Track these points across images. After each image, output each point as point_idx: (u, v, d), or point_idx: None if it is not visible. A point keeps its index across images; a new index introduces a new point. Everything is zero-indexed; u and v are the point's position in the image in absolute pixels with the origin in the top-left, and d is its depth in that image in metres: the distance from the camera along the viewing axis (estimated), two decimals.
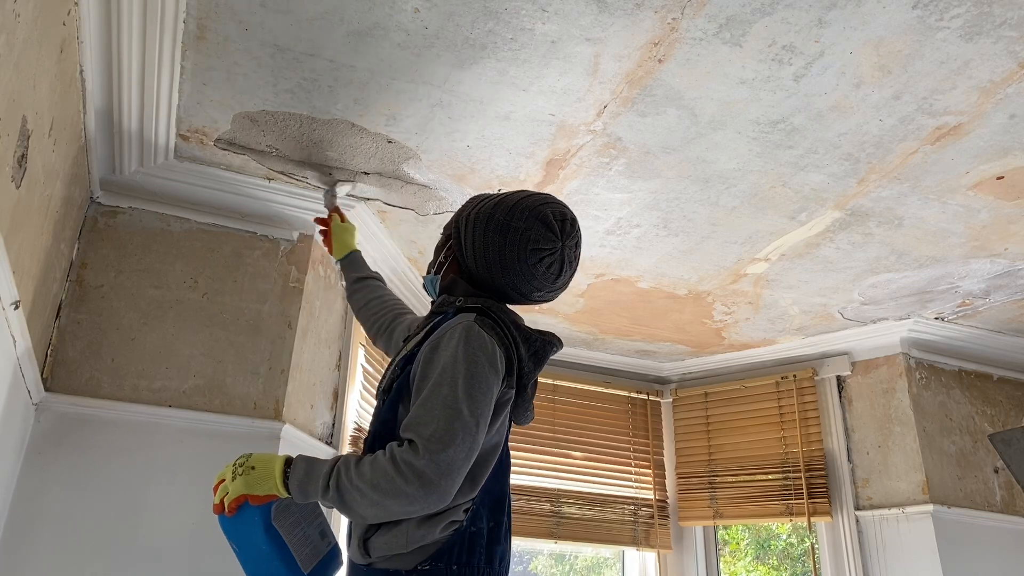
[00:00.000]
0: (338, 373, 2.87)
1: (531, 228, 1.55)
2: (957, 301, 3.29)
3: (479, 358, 1.41)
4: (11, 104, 1.48)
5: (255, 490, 1.38)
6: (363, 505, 1.32)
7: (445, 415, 1.34)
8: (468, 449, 1.34)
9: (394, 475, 1.31)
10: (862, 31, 1.83)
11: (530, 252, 1.54)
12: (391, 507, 1.32)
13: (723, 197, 2.58)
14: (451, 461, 1.31)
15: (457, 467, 1.32)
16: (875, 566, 3.40)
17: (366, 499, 1.32)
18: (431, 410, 1.36)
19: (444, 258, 1.65)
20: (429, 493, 1.30)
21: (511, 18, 1.83)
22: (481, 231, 1.57)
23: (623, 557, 4.18)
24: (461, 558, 1.39)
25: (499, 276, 1.56)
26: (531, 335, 1.56)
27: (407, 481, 1.30)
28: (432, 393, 1.38)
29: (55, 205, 2.05)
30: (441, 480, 1.30)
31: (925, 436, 3.43)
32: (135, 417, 2.33)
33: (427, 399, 1.38)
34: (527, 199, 1.60)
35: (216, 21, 1.89)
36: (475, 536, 1.42)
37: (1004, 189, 2.48)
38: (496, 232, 1.55)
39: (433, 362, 1.42)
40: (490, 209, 1.59)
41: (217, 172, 2.53)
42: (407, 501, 1.30)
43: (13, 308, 1.76)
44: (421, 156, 2.42)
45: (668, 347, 3.98)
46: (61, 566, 2.15)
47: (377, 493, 1.31)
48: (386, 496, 1.31)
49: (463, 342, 1.42)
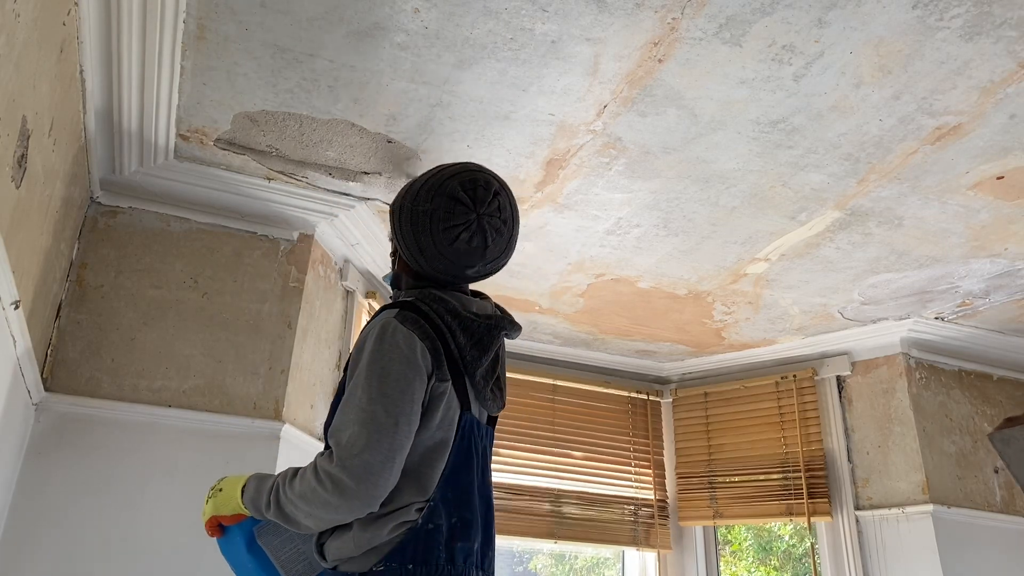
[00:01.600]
0: (338, 373, 2.87)
1: (438, 208, 1.46)
2: (957, 301, 3.29)
3: (393, 356, 1.37)
4: (11, 104, 1.48)
5: (222, 511, 1.44)
6: (300, 516, 1.34)
7: (358, 418, 1.33)
8: (387, 451, 1.32)
9: (316, 485, 1.31)
10: (862, 31, 1.83)
11: (443, 232, 1.46)
12: (322, 516, 1.33)
13: (723, 197, 2.58)
14: (366, 465, 1.30)
15: (375, 470, 1.30)
16: (875, 566, 3.40)
17: (300, 511, 1.33)
18: (346, 415, 1.35)
19: (392, 255, 1.64)
20: (349, 499, 1.29)
21: (511, 18, 1.83)
22: (398, 223, 1.53)
23: (623, 557, 4.18)
24: (416, 557, 1.36)
25: (424, 264, 1.51)
26: (471, 322, 1.49)
27: (326, 490, 1.30)
28: (348, 397, 1.37)
29: (55, 205, 2.05)
30: (359, 485, 1.29)
31: (925, 436, 3.43)
32: (135, 417, 2.33)
33: (344, 404, 1.38)
34: (433, 177, 1.51)
35: (216, 21, 1.89)
36: (432, 533, 1.38)
37: (1004, 189, 2.48)
38: (408, 221, 1.50)
39: (355, 363, 1.42)
40: (402, 198, 1.53)
41: (217, 172, 2.53)
42: (331, 509, 1.31)
43: (13, 308, 1.76)
44: (421, 156, 2.42)
45: (668, 347, 3.98)
46: (61, 566, 2.15)
47: (307, 504, 1.32)
48: (314, 507, 1.32)
49: (376, 342, 1.39)
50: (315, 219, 2.70)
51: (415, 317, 1.43)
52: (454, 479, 1.43)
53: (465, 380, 1.48)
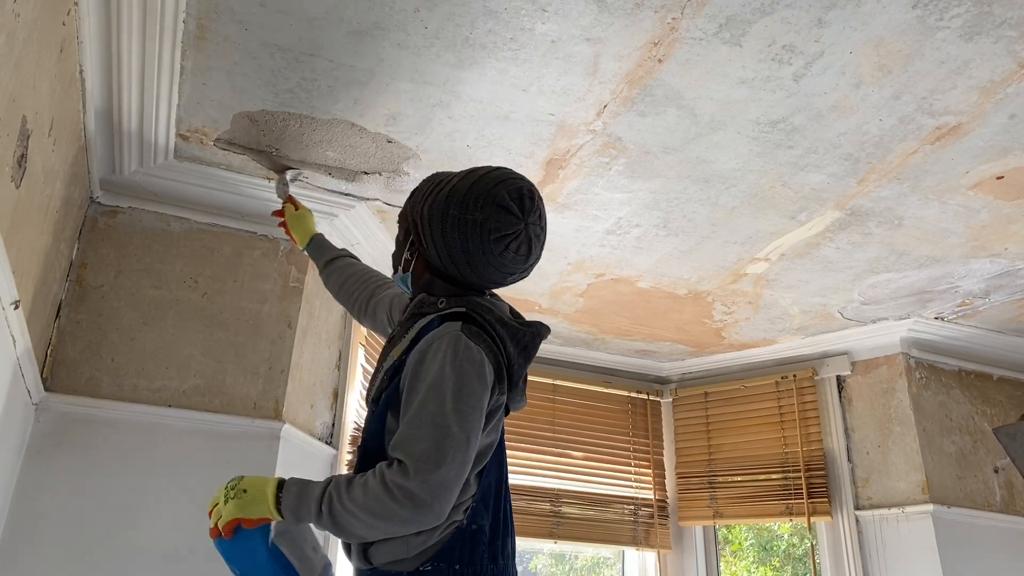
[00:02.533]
0: (338, 373, 2.87)
1: (489, 217, 1.44)
2: (957, 301, 3.29)
3: (467, 371, 1.37)
4: (11, 104, 1.48)
5: (247, 513, 1.36)
6: (358, 527, 1.32)
7: (434, 434, 1.31)
8: (460, 465, 1.32)
9: (386, 498, 1.29)
10: (862, 31, 1.83)
11: (494, 242, 1.45)
12: (386, 528, 1.31)
13: (723, 197, 2.58)
14: (442, 481, 1.29)
15: (449, 486, 1.30)
16: (875, 566, 3.40)
17: (360, 522, 1.31)
18: (419, 428, 1.33)
19: (410, 255, 1.56)
20: (423, 514, 1.29)
21: (511, 18, 1.83)
22: (439, 230, 1.47)
23: (623, 557, 4.18)
24: (463, 557, 1.38)
25: (468, 272, 1.49)
26: (518, 331, 1.50)
27: (400, 504, 1.28)
28: (420, 410, 1.35)
29: (55, 205, 2.05)
30: (434, 501, 1.29)
31: (925, 436, 3.43)
32: (135, 417, 2.33)
33: (415, 417, 1.35)
34: (478, 184, 1.48)
35: (216, 21, 1.89)
36: (476, 534, 1.40)
37: (1004, 189, 2.48)
38: (454, 229, 1.46)
39: (420, 376, 1.39)
40: (443, 204, 1.48)
41: (217, 172, 2.53)
42: (401, 522, 1.30)
43: (13, 308, 1.76)
44: (421, 156, 2.42)
45: (668, 347, 3.98)
46: (61, 566, 2.15)
47: (371, 516, 1.30)
48: (379, 519, 1.30)
49: (450, 356, 1.37)
50: (315, 219, 2.70)
51: (479, 332, 1.43)
52: (490, 479, 1.46)
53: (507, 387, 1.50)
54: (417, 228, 1.52)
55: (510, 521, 1.50)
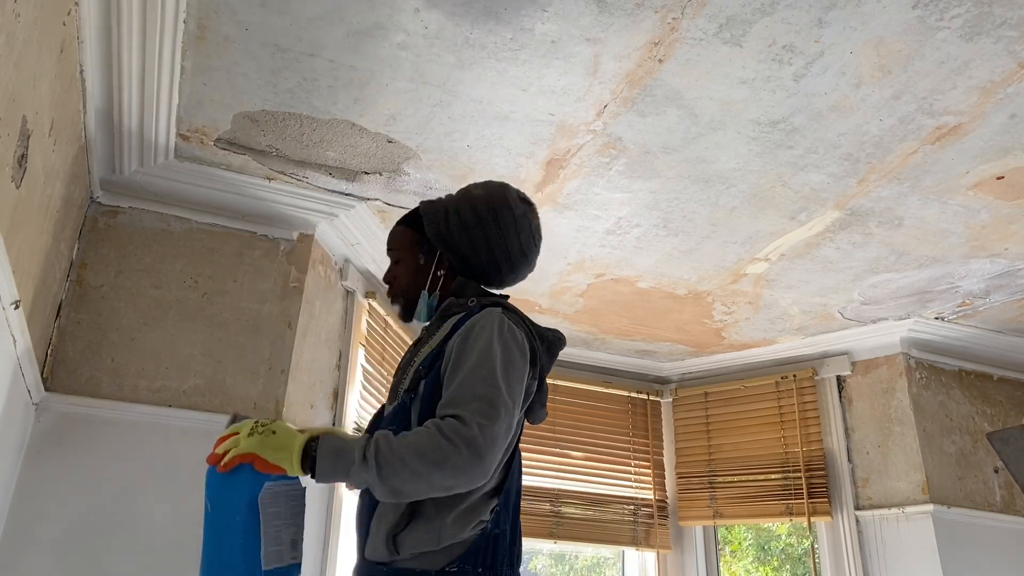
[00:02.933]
0: (338, 373, 2.87)
1: (519, 212, 1.62)
2: (957, 301, 3.29)
3: (511, 346, 1.43)
4: (11, 104, 1.48)
5: (266, 454, 1.30)
6: (401, 477, 1.27)
7: (488, 392, 1.34)
8: (507, 428, 1.34)
9: (443, 444, 1.27)
10: (862, 31, 1.83)
11: (535, 230, 1.64)
12: (434, 478, 1.27)
13: (723, 197, 2.58)
14: (496, 435, 1.30)
15: (500, 443, 1.32)
16: (875, 566, 3.40)
17: (407, 469, 1.27)
18: (473, 387, 1.35)
19: (439, 273, 1.63)
20: (477, 464, 1.28)
21: (511, 18, 1.83)
22: (480, 234, 1.59)
23: (623, 557, 4.18)
24: (486, 561, 1.38)
25: (506, 269, 1.62)
26: (543, 330, 1.60)
27: (457, 450, 1.27)
28: (471, 374, 1.37)
29: (55, 205, 2.05)
30: (487, 453, 1.29)
31: (925, 436, 3.43)
32: (135, 417, 2.33)
33: (467, 379, 1.37)
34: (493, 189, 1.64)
35: (216, 21, 1.89)
36: (498, 538, 1.41)
37: (1004, 189, 2.48)
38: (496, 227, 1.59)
39: (467, 351, 1.42)
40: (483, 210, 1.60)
41: (217, 172, 2.53)
42: (454, 472, 1.27)
43: (13, 308, 1.76)
44: (421, 156, 2.42)
45: (668, 347, 3.98)
46: (61, 565, 2.15)
47: (422, 462, 1.27)
48: (432, 466, 1.26)
49: (497, 331, 1.43)
50: (315, 219, 2.70)
51: (517, 319, 1.52)
52: (511, 485, 1.47)
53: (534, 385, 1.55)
54: (448, 242, 1.60)
55: (519, 527, 1.52)
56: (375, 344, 3.10)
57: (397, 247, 1.67)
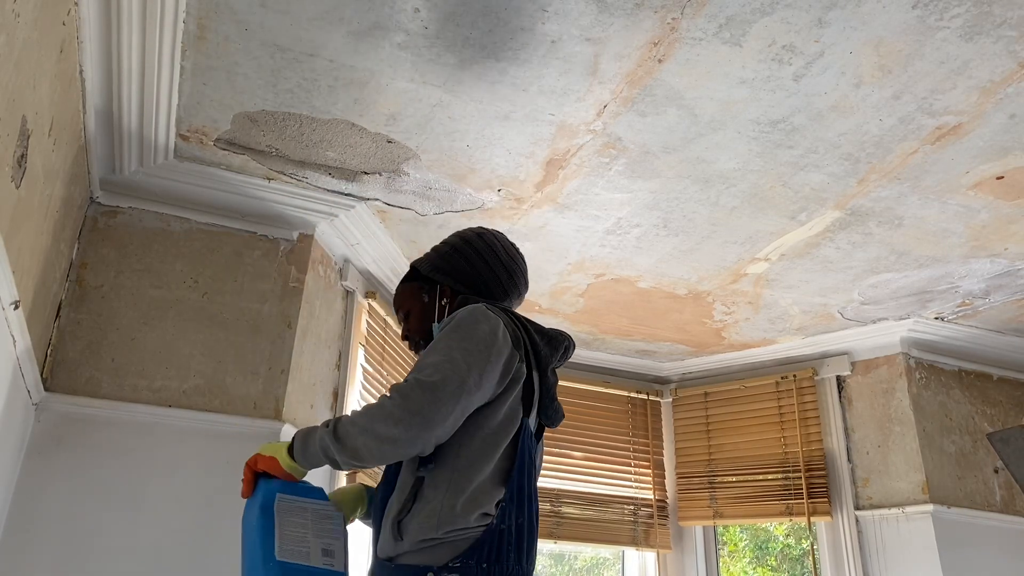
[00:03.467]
0: (338, 373, 2.87)
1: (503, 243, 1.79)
2: (957, 301, 3.29)
3: (479, 321, 1.50)
4: (11, 104, 1.48)
5: (263, 450, 1.47)
6: (352, 434, 1.37)
7: (436, 360, 1.42)
8: (456, 388, 1.39)
9: (383, 400, 1.39)
10: (862, 31, 1.83)
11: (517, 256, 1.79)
12: (379, 430, 1.36)
13: (723, 197, 2.58)
14: (435, 389, 1.37)
15: (441, 398, 1.37)
16: (875, 566, 3.40)
17: (356, 427, 1.37)
18: (426, 356, 1.46)
19: (443, 303, 1.74)
20: (412, 416, 1.35)
21: (511, 18, 1.83)
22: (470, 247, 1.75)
23: (623, 557, 4.18)
24: (491, 556, 1.40)
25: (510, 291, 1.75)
26: (543, 328, 1.67)
27: (393, 402, 1.37)
28: (430, 349, 1.48)
29: (55, 205, 2.05)
30: (424, 405, 1.36)
31: (925, 436, 3.43)
32: (135, 417, 2.33)
33: (426, 353, 1.48)
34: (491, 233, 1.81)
35: (216, 21, 1.89)
36: (504, 534, 1.42)
37: (1004, 189, 2.48)
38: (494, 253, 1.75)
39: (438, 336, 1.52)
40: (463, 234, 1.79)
41: (217, 172, 2.53)
42: (391, 423, 1.35)
43: (13, 308, 1.76)
44: (421, 156, 2.42)
45: (668, 347, 3.98)
46: (61, 566, 2.15)
47: (366, 419, 1.37)
48: (374, 420, 1.36)
49: (463, 314, 1.53)
50: (315, 219, 2.70)
51: (497, 310, 1.59)
52: (518, 482, 1.49)
53: (535, 378, 1.59)
54: (444, 268, 1.74)
55: (536, 526, 1.54)
56: (375, 344, 3.10)
57: (403, 304, 1.79)
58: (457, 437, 1.45)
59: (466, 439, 1.46)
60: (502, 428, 1.49)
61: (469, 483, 1.43)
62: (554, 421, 1.64)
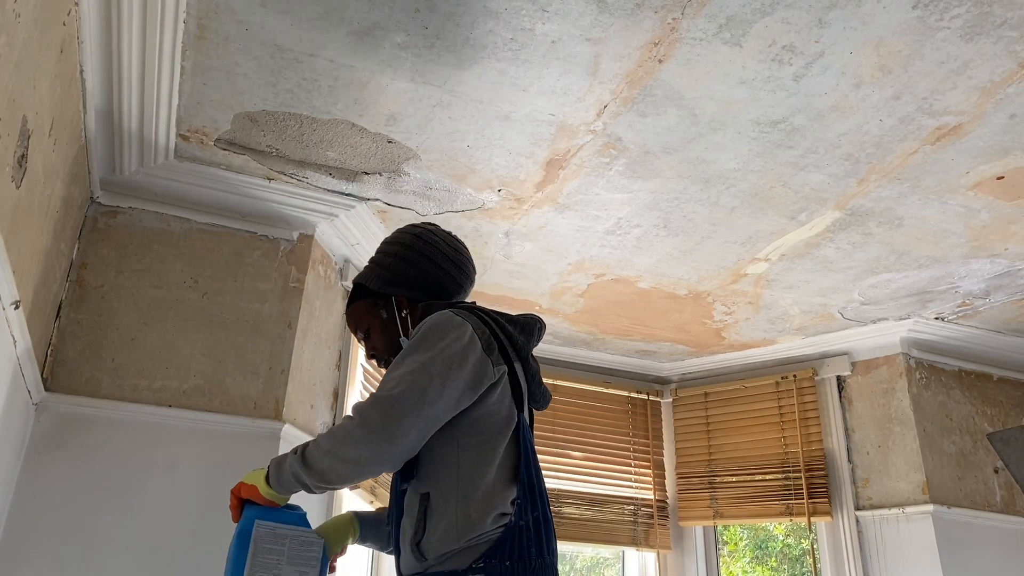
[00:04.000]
0: (338, 373, 2.87)
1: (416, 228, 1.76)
2: (957, 301, 3.29)
3: (446, 330, 1.47)
4: (11, 104, 1.48)
5: (246, 479, 1.50)
6: (319, 458, 1.38)
7: (398, 375, 1.41)
8: (418, 401, 1.37)
9: (345, 421, 1.39)
10: (862, 31, 1.83)
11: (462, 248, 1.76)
12: (341, 452, 1.36)
13: (723, 197, 2.58)
14: (394, 403, 1.36)
15: (402, 412, 1.36)
16: (875, 566, 3.40)
17: (320, 450, 1.38)
18: (389, 371, 1.45)
19: (403, 315, 1.69)
20: (370, 433, 1.35)
21: (511, 18, 1.83)
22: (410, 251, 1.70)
23: (623, 557, 4.18)
24: (514, 553, 1.40)
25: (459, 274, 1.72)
26: (509, 315, 1.65)
27: (352, 422, 1.37)
28: (394, 364, 1.47)
29: (55, 205, 2.05)
30: (382, 421, 1.35)
31: (925, 436, 3.43)
32: (135, 417, 2.33)
33: (389, 368, 1.47)
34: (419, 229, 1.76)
35: (216, 21, 1.89)
36: (523, 530, 1.43)
37: (1004, 189, 2.48)
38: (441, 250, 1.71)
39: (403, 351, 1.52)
40: (399, 239, 1.74)
41: (217, 172, 2.53)
42: (352, 443, 1.36)
43: (13, 308, 1.76)
44: (421, 156, 2.42)
45: (668, 347, 3.98)
46: (61, 566, 2.15)
47: (329, 441, 1.38)
48: (336, 442, 1.37)
49: (432, 323, 1.50)
50: (315, 219, 2.70)
51: (466, 312, 1.55)
52: (527, 477, 1.49)
53: (518, 368, 1.57)
54: (393, 280, 1.70)
55: (551, 518, 1.54)
56: None
57: (359, 323, 1.74)
58: (452, 446, 1.44)
59: (463, 446, 1.45)
60: (499, 428, 1.49)
61: (476, 488, 1.42)
62: (543, 404, 1.65)
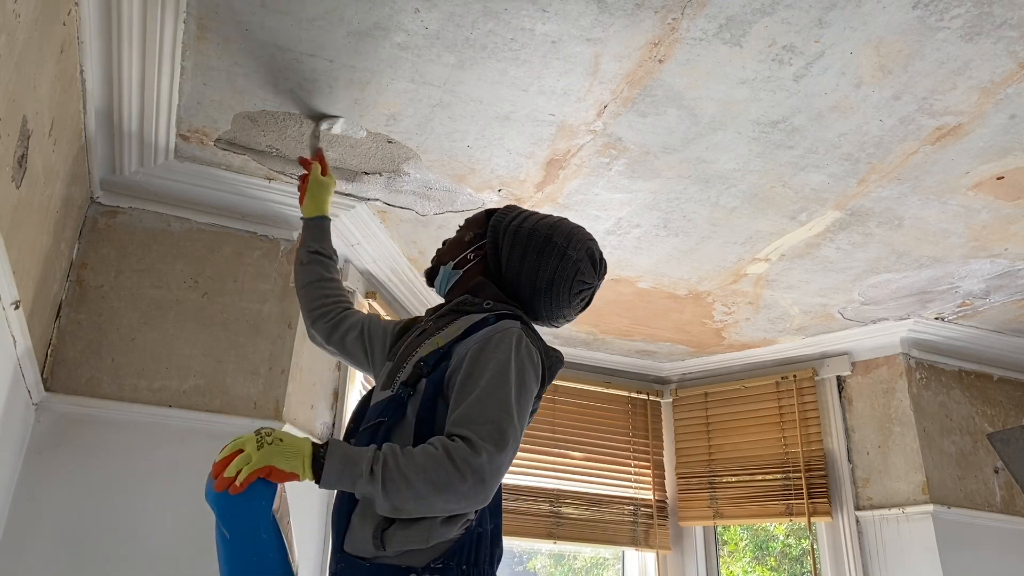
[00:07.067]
0: (338, 373, 2.87)
1: (582, 260, 1.61)
2: (957, 301, 3.29)
3: (527, 368, 1.43)
4: (11, 104, 1.48)
5: (281, 463, 1.28)
6: (404, 496, 1.27)
7: (501, 418, 1.35)
8: (513, 454, 1.36)
9: (451, 469, 1.27)
10: (862, 31, 1.83)
11: (576, 283, 1.61)
12: (435, 502, 1.29)
13: (723, 197, 2.58)
14: (502, 464, 1.33)
15: (504, 470, 1.35)
16: (875, 566, 3.40)
17: (412, 490, 1.27)
18: (487, 410, 1.36)
19: (472, 256, 1.66)
20: (480, 492, 1.30)
21: (511, 18, 1.83)
22: (535, 250, 1.60)
23: (623, 557, 4.18)
24: (470, 558, 1.39)
25: (538, 296, 1.62)
26: (549, 350, 1.58)
27: (463, 477, 1.28)
28: (487, 394, 1.38)
29: (55, 205, 2.05)
30: (491, 480, 1.31)
31: (925, 436, 3.43)
32: (135, 417, 2.33)
33: (482, 399, 1.37)
34: (579, 230, 1.65)
35: (216, 21, 1.89)
36: (482, 537, 1.42)
37: (1004, 189, 2.48)
38: (552, 256, 1.59)
39: (481, 362, 1.42)
40: (546, 230, 1.62)
41: (217, 172, 2.53)
42: (456, 498, 1.29)
43: (13, 308, 1.76)
44: (421, 156, 2.42)
45: (668, 347, 3.98)
46: (61, 566, 2.15)
47: (427, 485, 1.27)
48: (435, 489, 1.27)
49: (516, 350, 1.43)
50: None
51: (534, 335, 1.52)
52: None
53: None
54: (498, 238, 1.63)
55: (501, 528, 1.52)
56: None
57: (465, 224, 1.75)
58: None
59: None
60: None
61: None
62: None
